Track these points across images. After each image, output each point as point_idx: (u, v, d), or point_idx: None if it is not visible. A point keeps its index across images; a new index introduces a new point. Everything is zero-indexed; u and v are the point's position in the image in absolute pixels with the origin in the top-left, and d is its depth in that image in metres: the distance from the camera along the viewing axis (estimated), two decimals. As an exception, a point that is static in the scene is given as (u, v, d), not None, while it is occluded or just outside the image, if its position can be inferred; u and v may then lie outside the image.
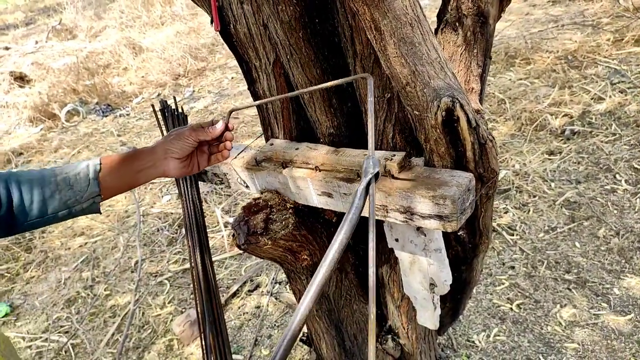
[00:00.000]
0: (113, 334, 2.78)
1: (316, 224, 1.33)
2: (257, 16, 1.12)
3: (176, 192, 4.03)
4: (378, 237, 1.36)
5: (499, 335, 2.22)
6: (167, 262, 3.26)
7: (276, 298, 2.75)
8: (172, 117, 1.62)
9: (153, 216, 3.81)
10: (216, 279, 1.61)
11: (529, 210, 2.89)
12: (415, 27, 0.84)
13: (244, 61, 1.29)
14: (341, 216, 1.35)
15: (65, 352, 2.74)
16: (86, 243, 3.72)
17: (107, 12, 10.57)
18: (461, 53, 1.08)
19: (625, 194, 2.81)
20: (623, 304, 2.21)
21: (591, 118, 3.51)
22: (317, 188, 1.19)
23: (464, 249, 1.28)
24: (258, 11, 1.11)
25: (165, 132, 1.72)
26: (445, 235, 1.19)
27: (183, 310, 2.82)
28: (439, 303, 1.37)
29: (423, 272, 1.25)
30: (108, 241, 3.67)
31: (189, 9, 9.01)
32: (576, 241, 2.60)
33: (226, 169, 1.43)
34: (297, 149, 1.26)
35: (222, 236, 3.35)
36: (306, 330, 1.82)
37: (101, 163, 0.99)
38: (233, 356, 2.41)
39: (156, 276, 3.16)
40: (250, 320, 2.65)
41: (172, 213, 3.78)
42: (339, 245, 0.67)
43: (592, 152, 3.20)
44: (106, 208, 4.09)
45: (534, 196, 2.98)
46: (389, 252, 1.34)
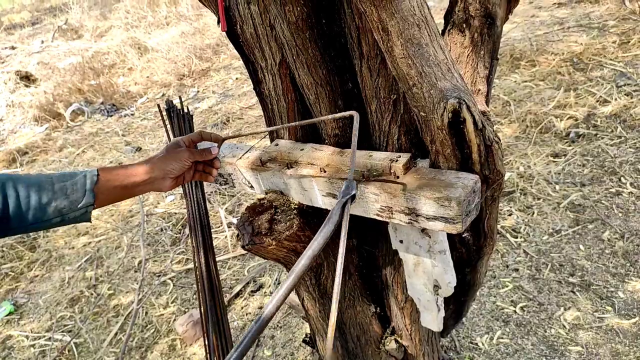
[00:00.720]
0: (116, 334, 2.79)
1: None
2: (264, 16, 1.12)
3: (180, 193, 4.04)
4: (382, 239, 1.36)
5: (503, 337, 2.21)
6: (171, 262, 3.26)
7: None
8: (178, 117, 1.62)
9: (157, 216, 3.82)
10: (220, 279, 1.61)
11: (534, 212, 2.88)
12: (422, 28, 0.84)
13: (250, 62, 1.29)
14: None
15: (68, 351, 2.75)
16: (90, 242, 3.73)
17: (113, 12, 10.61)
18: (468, 54, 1.07)
19: (630, 197, 2.80)
20: (627, 307, 2.20)
21: (596, 121, 3.50)
22: (322, 189, 1.19)
23: (469, 251, 1.28)
24: (265, 12, 1.11)
25: (170, 133, 1.73)
26: (449, 237, 1.18)
27: (186, 310, 2.82)
28: (443, 305, 1.37)
29: (427, 274, 1.25)
30: (112, 241, 3.68)
31: (195, 10, 9.03)
32: (580, 244, 2.59)
33: (231, 169, 1.43)
34: (302, 150, 1.26)
35: (226, 236, 3.36)
36: (309, 331, 1.82)
37: (99, 175, 1.01)
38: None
39: (159, 276, 3.17)
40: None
41: (176, 213, 3.79)
42: (312, 252, 0.73)
43: (597, 155, 3.19)
44: (110, 208, 4.10)
45: (539, 199, 2.97)
46: (393, 254, 1.34)
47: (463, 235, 1.22)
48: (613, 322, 2.15)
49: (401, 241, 1.23)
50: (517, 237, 2.73)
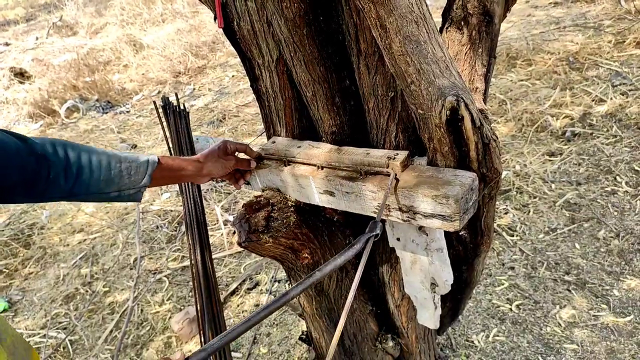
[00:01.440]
0: (111, 331, 2.78)
1: (317, 223, 1.33)
2: (261, 13, 1.12)
3: (175, 190, 4.02)
4: (379, 236, 1.36)
5: (498, 335, 2.22)
6: (166, 260, 3.25)
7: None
8: (174, 114, 1.61)
9: (152, 213, 3.81)
10: (216, 277, 1.61)
11: (529, 211, 2.89)
12: (420, 25, 0.84)
13: (247, 58, 1.29)
14: (343, 214, 1.35)
15: (63, 349, 2.74)
16: (85, 240, 3.71)
17: (108, 9, 10.55)
18: (466, 52, 1.07)
19: (625, 196, 2.81)
20: (623, 306, 2.21)
21: (592, 120, 3.51)
22: (319, 186, 1.19)
23: (465, 249, 1.28)
24: (262, 8, 1.11)
25: (166, 130, 1.72)
26: (446, 235, 1.18)
27: (182, 307, 2.81)
28: (440, 303, 1.37)
29: (424, 272, 1.25)
30: (107, 238, 3.66)
31: (190, 7, 9.00)
32: (576, 242, 2.60)
33: (228, 167, 1.42)
34: (299, 147, 1.25)
35: (222, 234, 3.35)
36: (305, 328, 1.82)
37: (159, 163, 1.15)
38: (232, 354, 2.41)
39: (155, 273, 3.16)
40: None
41: (172, 210, 3.78)
42: (330, 268, 0.86)
43: (593, 154, 3.20)
44: (105, 205, 4.09)
45: (534, 197, 2.98)
46: (390, 252, 1.34)
47: (460, 233, 1.22)
48: (608, 320, 2.16)
49: (398, 239, 1.23)
50: (513, 236, 2.74)
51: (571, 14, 5.36)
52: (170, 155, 1.68)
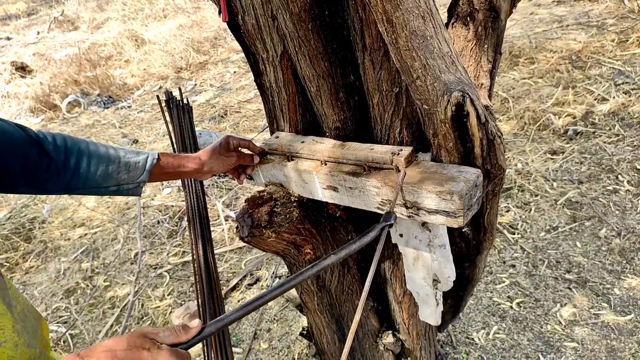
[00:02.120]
0: (112, 325, 2.78)
1: (320, 218, 1.33)
2: (266, 7, 1.11)
3: (177, 185, 4.02)
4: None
5: (499, 333, 2.22)
6: (167, 255, 3.25)
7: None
8: (177, 109, 1.61)
9: (153, 208, 3.81)
10: (217, 272, 1.61)
11: (531, 209, 2.89)
12: (427, 20, 0.83)
13: (251, 53, 1.28)
14: (346, 210, 1.35)
15: (64, 342, 2.74)
16: (86, 234, 3.71)
17: (110, 4, 10.53)
18: (471, 48, 1.07)
19: (627, 195, 2.81)
20: (623, 304, 2.21)
21: (594, 118, 3.51)
22: (323, 182, 1.18)
23: (468, 246, 1.28)
24: (267, 2, 1.10)
25: (169, 124, 1.72)
26: (449, 231, 1.18)
27: (182, 302, 2.82)
28: (442, 299, 1.37)
29: (427, 268, 1.25)
30: (108, 232, 3.67)
31: (192, 2, 8.98)
32: (577, 241, 2.60)
33: (230, 161, 1.42)
34: (303, 142, 1.25)
35: (223, 229, 3.35)
36: (306, 324, 1.82)
37: (159, 159, 1.16)
38: (232, 349, 2.41)
39: (156, 268, 3.16)
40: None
41: (173, 206, 3.78)
42: (345, 253, 0.89)
43: (595, 153, 3.19)
44: (106, 199, 4.09)
45: (536, 195, 2.98)
46: (393, 248, 1.34)
47: (463, 229, 1.22)
48: (609, 319, 2.17)
49: (401, 235, 1.23)
50: (515, 234, 2.74)
51: (574, 13, 5.34)
52: (173, 149, 1.68)
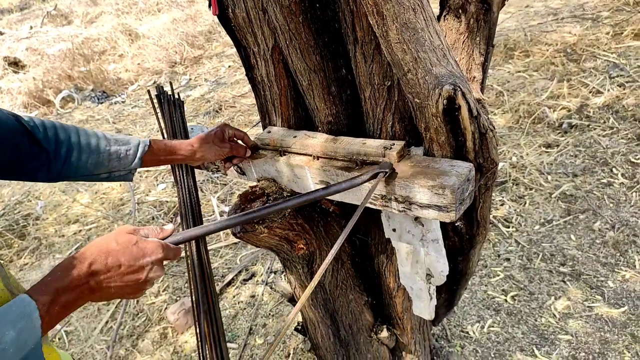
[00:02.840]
0: (107, 322, 2.77)
1: (313, 213, 1.32)
2: (257, 0, 1.10)
3: (171, 181, 4.00)
4: (375, 227, 1.36)
5: (493, 326, 2.22)
6: (162, 251, 3.24)
7: (271, 287, 2.74)
8: (169, 104, 1.59)
9: (148, 204, 3.79)
10: (211, 268, 1.60)
11: (525, 202, 2.89)
12: (418, 12, 0.82)
13: (242, 47, 1.27)
14: (339, 205, 1.34)
15: (59, 339, 2.73)
16: (80, 230, 3.70)
17: (103, -2, 10.44)
18: (463, 41, 1.06)
19: (621, 188, 2.81)
20: (617, 297, 2.22)
21: (589, 111, 3.51)
22: (315, 177, 1.18)
23: (461, 240, 1.28)
24: (257, -5, 1.09)
25: (161, 120, 1.70)
26: (442, 225, 1.18)
27: (177, 298, 2.81)
28: (435, 294, 1.37)
29: (420, 263, 1.25)
30: (102, 229, 3.65)
31: (186, -4, 8.92)
32: (572, 234, 2.60)
33: (223, 157, 1.41)
34: (295, 137, 1.24)
35: (218, 225, 3.34)
36: (301, 319, 1.82)
37: (151, 146, 1.16)
38: (227, 344, 2.41)
39: (151, 264, 3.14)
40: (245, 309, 2.65)
41: (167, 201, 3.76)
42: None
43: (590, 146, 3.20)
44: (101, 195, 4.07)
45: (531, 189, 2.98)
46: (386, 242, 1.33)
47: (456, 223, 1.22)
48: (603, 311, 2.17)
49: (394, 229, 1.22)
50: (509, 227, 2.74)
51: (569, 5, 5.33)
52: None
